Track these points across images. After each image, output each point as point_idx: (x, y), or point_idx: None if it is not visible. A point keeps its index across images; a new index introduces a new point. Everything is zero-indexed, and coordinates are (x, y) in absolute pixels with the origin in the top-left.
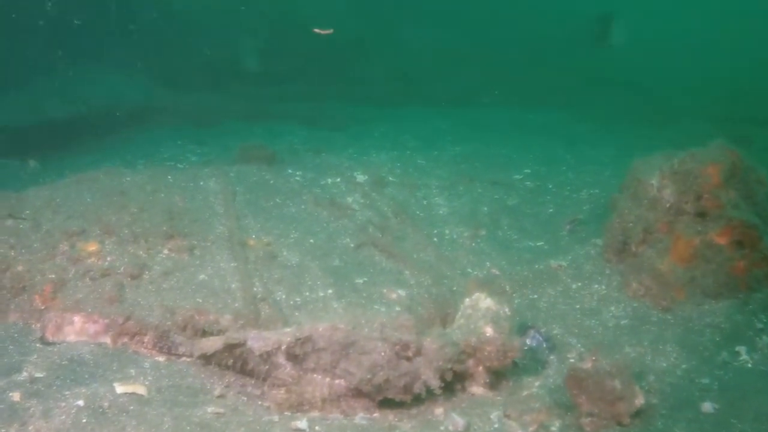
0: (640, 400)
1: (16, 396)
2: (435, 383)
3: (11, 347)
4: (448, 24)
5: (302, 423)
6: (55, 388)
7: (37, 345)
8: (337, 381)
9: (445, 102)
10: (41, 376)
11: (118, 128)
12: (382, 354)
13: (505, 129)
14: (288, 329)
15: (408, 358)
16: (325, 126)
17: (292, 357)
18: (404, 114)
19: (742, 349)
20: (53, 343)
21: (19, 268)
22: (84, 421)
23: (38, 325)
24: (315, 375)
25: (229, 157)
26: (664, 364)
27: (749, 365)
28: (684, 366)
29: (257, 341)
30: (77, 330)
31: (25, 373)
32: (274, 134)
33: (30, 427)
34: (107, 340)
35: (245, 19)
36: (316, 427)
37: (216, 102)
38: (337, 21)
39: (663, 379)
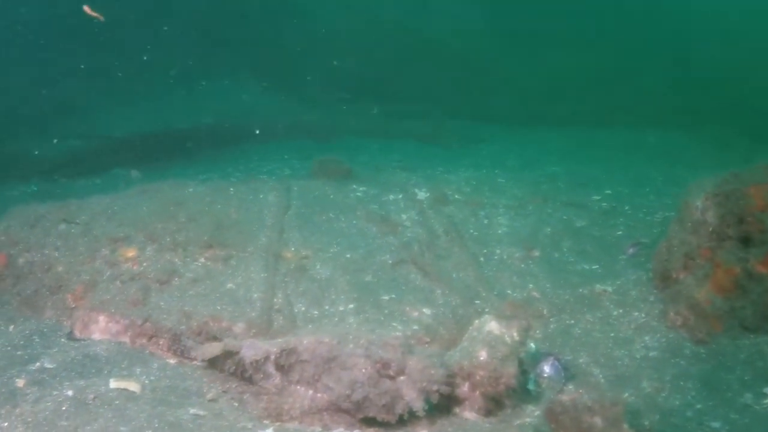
0: None
1: (20, 382)
2: (418, 405)
3: (38, 340)
4: (585, 44)
5: (267, 430)
6: (58, 379)
7: (62, 340)
8: (319, 394)
9: (576, 123)
10: (51, 367)
11: (237, 141)
12: (363, 371)
13: (614, 149)
14: (279, 340)
15: (390, 377)
16: (438, 144)
17: (281, 367)
18: (525, 134)
19: None
20: (79, 340)
21: (60, 268)
22: (64, 409)
23: (68, 322)
24: (298, 387)
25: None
26: (677, 403)
27: None
28: (698, 406)
29: (250, 350)
30: (101, 329)
31: (38, 364)
32: (385, 150)
33: (17, 410)
34: (126, 339)
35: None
36: None
37: (342, 119)
38: (470, 39)
39: (667, 420)
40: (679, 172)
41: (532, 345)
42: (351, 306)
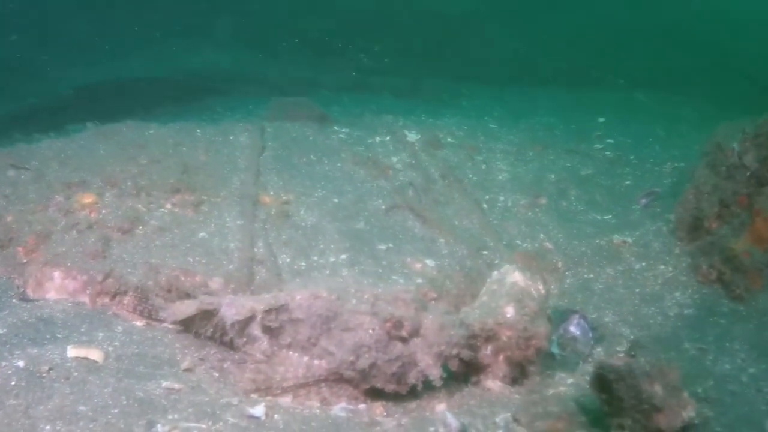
0: (689, 413)
1: None
2: (435, 373)
3: None
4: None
5: (258, 410)
6: (8, 347)
7: (13, 301)
8: (316, 361)
9: (559, 83)
10: (0, 332)
11: (201, 95)
12: (370, 332)
13: (605, 105)
14: (266, 296)
15: (402, 339)
16: (416, 98)
17: (268, 329)
18: (507, 91)
19: None
20: (32, 300)
21: (8, 218)
22: (13, 383)
23: (20, 280)
24: (291, 352)
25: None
26: (728, 367)
27: None
28: (751, 370)
29: (231, 308)
30: (57, 286)
31: None
32: (357, 102)
33: None
34: (86, 299)
35: None
36: (275, 416)
37: (310, 74)
38: None
39: (723, 386)
40: (682, 127)
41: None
42: (343, 257)
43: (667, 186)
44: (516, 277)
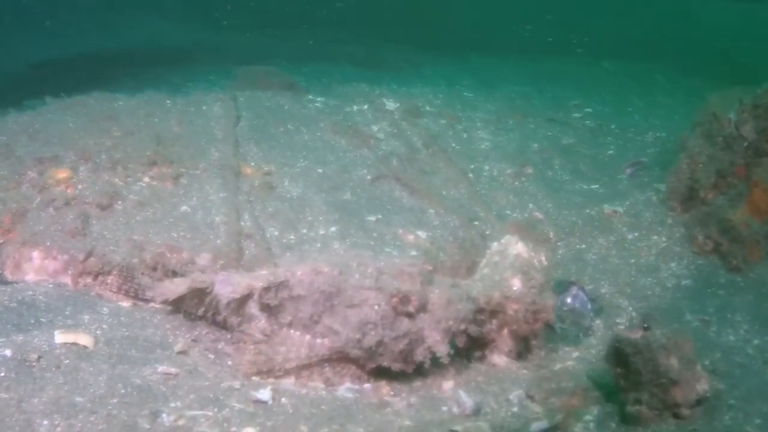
0: (703, 386)
1: None
2: (443, 349)
3: None
4: None
5: (264, 394)
6: None
7: None
8: (319, 340)
9: (522, 51)
10: None
11: (155, 67)
12: (376, 308)
13: (577, 76)
14: (263, 272)
15: (409, 315)
16: (377, 66)
17: (267, 307)
18: (470, 60)
19: None
20: (10, 282)
21: None
22: (2, 375)
23: None
24: (292, 331)
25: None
26: (732, 338)
27: None
28: (756, 342)
29: (225, 286)
30: (36, 268)
31: None
32: (318, 72)
33: None
34: (68, 279)
35: None
36: (282, 400)
37: (265, 44)
38: None
39: (731, 359)
40: (657, 96)
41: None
42: (333, 229)
43: (651, 156)
44: (519, 248)
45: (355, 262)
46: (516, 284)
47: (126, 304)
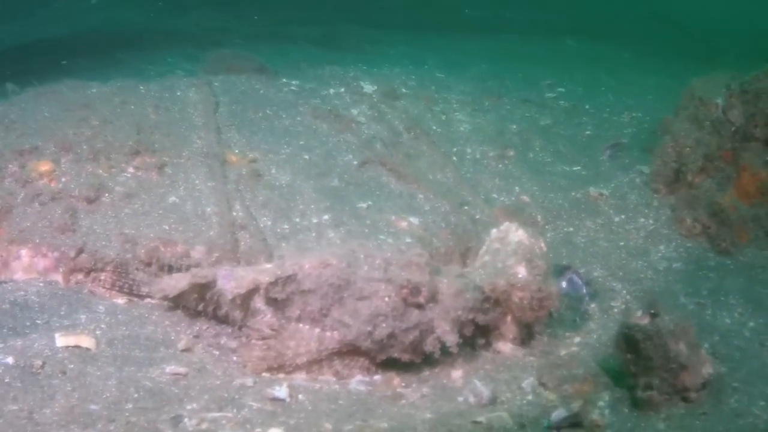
0: (707, 369)
1: None
2: (452, 339)
3: None
4: None
5: (281, 391)
6: None
7: None
8: (328, 333)
9: (483, 30)
10: None
11: (112, 51)
12: (386, 300)
13: (539, 54)
14: (268, 266)
15: (419, 306)
16: (337, 47)
17: (273, 301)
18: (428, 39)
19: None
20: None
21: None
22: (7, 381)
23: None
24: (300, 325)
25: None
26: (728, 321)
27: None
28: (751, 324)
29: (229, 280)
30: (25, 266)
31: None
32: (279, 53)
33: None
34: (58, 277)
35: None
36: (299, 396)
37: (221, 24)
38: None
39: (729, 342)
40: (627, 75)
41: None
42: (325, 217)
43: (628, 136)
44: (520, 235)
45: (362, 254)
46: (521, 272)
47: (121, 300)
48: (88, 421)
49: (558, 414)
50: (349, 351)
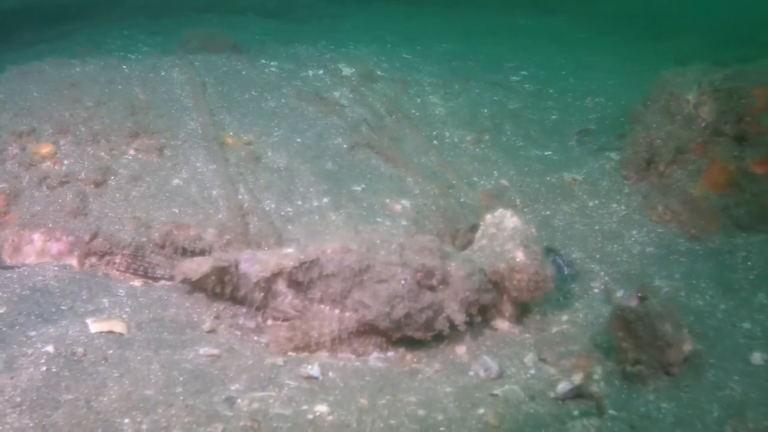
0: (688, 347)
1: None
2: (460, 318)
3: None
4: None
5: (314, 369)
6: (18, 327)
7: None
8: (347, 314)
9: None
10: (1, 312)
11: (59, 22)
12: (403, 282)
13: (494, 30)
14: (289, 250)
15: (432, 288)
16: (288, 19)
17: (295, 284)
18: (377, 10)
19: None
20: (11, 267)
21: None
22: (55, 371)
23: None
24: (322, 306)
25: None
26: (701, 303)
27: None
28: (722, 306)
29: (252, 264)
30: (38, 250)
31: None
32: (234, 26)
33: None
34: (73, 261)
35: None
36: (330, 374)
37: None
38: None
39: (704, 321)
40: (584, 57)
41: None
42: (325, 200)
43: (593, 122)
44: (515, 221)
45: (378, 239)
46: (519, 256)
47: (137, 283)
48: (148, 407)
49: (563, 386)
50: (367, 330)
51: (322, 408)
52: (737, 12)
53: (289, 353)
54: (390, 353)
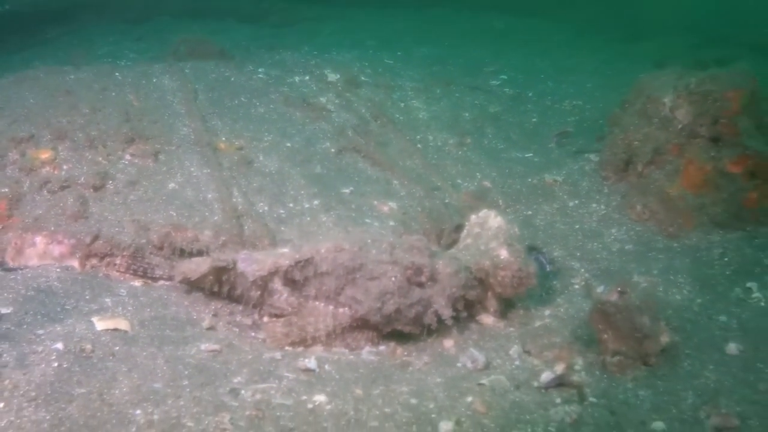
0: (665, 338)
1: None
2: (447, 313)
3: None
4: None
5: (310, 362)
6: (26, 326)
7: None
8: (341, 310)
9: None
10: (7, 312)
11: (43, 27)
12: (393, 279)
13: (471, 33)
14: (284, 250)
15: (420, 285)
16: (263, 23)
17: (290, 282)
18: (352, 14)
19: (753, 285)
20: (15, 269)
21: None
22: (66, 366)
23: None
24: (317, 303)
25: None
26: (679, 297)
27: (762, 304)
28: (699, 300)
29: (250, 264)
30: (40, 252)
31: None
32: (214, 31)
33: (6, 381)
34: (74, 262)
35: None
36: (326, 366)
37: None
38: None
39: (681, 315)
40: (561, 60)
41: None
42: (316, 202)
43: (571, 124)
44: (499, 221)
45: (369, 238)
46: (503, 254)
47: (137, 283)
48: (158, 399)
49: (546, 376)
50: (359, 325)
51: (320, 398)
52: (717, 12)
53: (286, 348)
54: (381, 347)
